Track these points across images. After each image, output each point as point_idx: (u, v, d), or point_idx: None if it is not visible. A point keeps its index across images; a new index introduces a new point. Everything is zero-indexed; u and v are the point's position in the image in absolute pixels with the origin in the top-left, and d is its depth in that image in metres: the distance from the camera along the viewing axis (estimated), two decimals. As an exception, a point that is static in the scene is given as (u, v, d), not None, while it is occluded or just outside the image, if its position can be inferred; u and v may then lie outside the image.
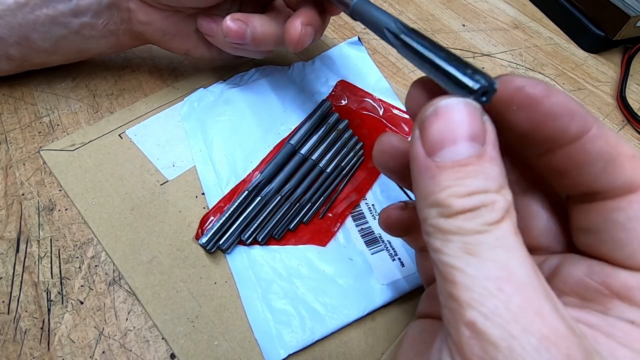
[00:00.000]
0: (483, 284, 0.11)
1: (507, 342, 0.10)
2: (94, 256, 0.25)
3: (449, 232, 0.12)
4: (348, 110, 0.33)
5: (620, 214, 0.12)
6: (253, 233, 0.26)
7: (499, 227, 0.12)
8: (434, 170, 0.12)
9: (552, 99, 0.12)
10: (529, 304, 0.11)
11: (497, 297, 0.11)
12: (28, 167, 0.29)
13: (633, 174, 0.12)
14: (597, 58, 0.41)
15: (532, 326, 0.10)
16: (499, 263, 0.11)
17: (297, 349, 0.23)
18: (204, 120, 0.31)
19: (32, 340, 0.23)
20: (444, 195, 0.12)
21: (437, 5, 0.45)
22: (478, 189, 0.12)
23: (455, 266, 0.11)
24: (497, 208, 0.12)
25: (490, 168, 0.12)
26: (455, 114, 0.12)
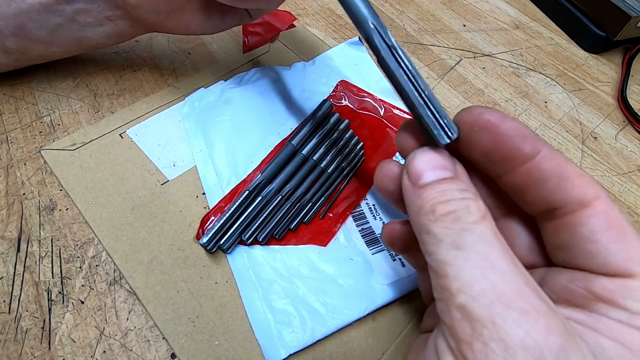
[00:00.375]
0: (470, 272, 0.13)
1: (491, 318, 0.12)
2: (94, 256, 0.25)
3: (438, 235, 0.14)
4: (349, 110, 0.33)
5: (583, 228, 0.14)
6: (254, 233, 0.26)
7: (478, 226, 0.14)
8: (419, 190, 0.15)
9: (506, 123, 0.15)
10: (511, 287, 0.12)
11: (482, 282, 0.12)
12: (29, 166, 0.29)
13: (583, 189, 0.14)
14: (597, 58, 0.41)
15: (513, 304, 0.12)
16: (482, 255, 0.13)
17: (298, 349, 0.23)
18: (204, 120, 0.31)
19: (33, 339, 0.23)
20: (429, 204, 0.15)
21: (437, 5, 0.45)
22: (455, 196, 0.15)
23: (446, 261, 0.13)
24: (473, 210, 0.14)
25: (462, 184, 0.15)
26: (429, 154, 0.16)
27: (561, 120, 0.35)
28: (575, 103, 0.37)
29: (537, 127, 0.35)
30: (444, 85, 0.37)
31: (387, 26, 0.42)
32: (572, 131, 0.35)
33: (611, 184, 0.31)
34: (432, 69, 0.38)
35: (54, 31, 0.28)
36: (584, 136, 0.34)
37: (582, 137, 0.34)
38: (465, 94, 0.36)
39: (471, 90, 0.37)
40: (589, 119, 0.36)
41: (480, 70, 0.38)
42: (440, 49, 0.40)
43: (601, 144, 0.34)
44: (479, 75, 0.38)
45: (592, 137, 0.34)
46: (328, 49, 0.37)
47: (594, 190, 0.14)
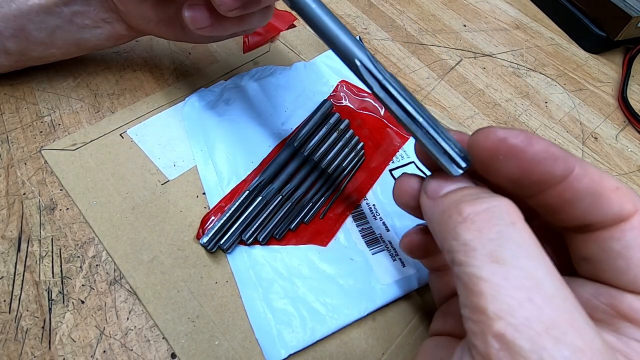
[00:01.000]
0: (511, 293, 0.11)
1: (538, 354, 0.10)
2: (95, 255, 0.25)
3: (471, 242, 0.12)
4: (349, 110, 0.33)
5: (616, 243, 0.13)
6: (254, 233, 0.26)
7: (518, 230, 0.12)
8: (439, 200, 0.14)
9: (534, 146, 0.13)
10: (561, 315, 0.10)
11: (527, 308, 0.10)
12: (29, 166, 0.29)
13: (620, 204, 0.13)
14: (598, 58, 0.41)
15: (565, 338, 0.10)
16: (526, 272, 0.11)
17: (298, 349, 0.23)
18: (205, 120, 0.31)
19: (33, 339, 0.23)
20: (454, 204, 0.13)
21: (438, 5, 0.45)
22: (482, 195, 0.13)
23: (482, 277, 0.11)
24: (505, 209, 0.12)
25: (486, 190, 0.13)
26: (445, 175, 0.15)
27: (561, 121, 0.35)
28: (575, 103, 0.37)
29: (537, 128, 0.35)
30: (444, 85, 0.37)
31: (388, 26, 0.42)
32: (573, 131, 0.35)
33: (611, 184, 0.31)
34: (432, 69, 0.38)
35: (52, 33, 0.29)
36: (584, 136, 0.34)
37: (582, 138, 0.34)
38: (465, 94, 0.36)
39: (471, 90, 0.37)
40: (589, 119, 0.36)
41: (481, 71, 0.38)
42: (441, 49, 0.40)
43: (601, 144, 0.34)
44: (479, 75, 0.38)
45: (593, 137, 0.34)
46: (328, 49, 0.37)
47: (631, 204, 0.13)
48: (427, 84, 0.37)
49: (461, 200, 0.13)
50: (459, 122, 0.34)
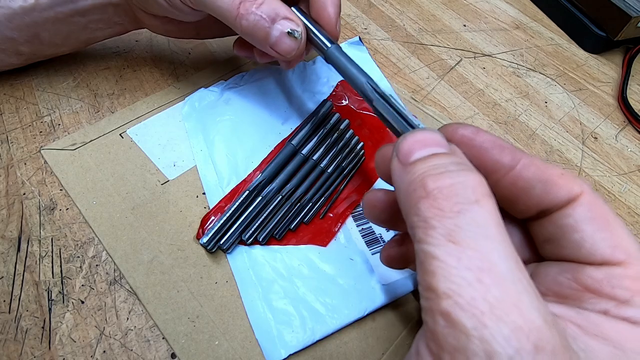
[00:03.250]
0: (462, 274, 0.11)
1: (479, 332, 0.10)
2: (94, 256, 0.25)
3: (430, 219, 0.12)
4: (349, 110, 0.33)
5: (569, 219, 0.14)
6: (254, 233, 0.26)
7: (478, 208, 0.12)
8: (408, 167, 0.13)
9: (480, 136, 0.15)
10: (507, 296, 0.11)
11: (475, 288, 0.11)
12: (29, 166, 0.29)
13: (568, 187, 0.14)
14: (598, 58, 0.41)
15: (506, 317, 0.11)
16: (481, 253, 0.11)
17: (298, 348, 0.23)
18: (205, 120, 0.31)
19: (33, 339, 0.23)
20: (419, 177, 0.13)
21: (438, 5, 0.45)
22: (450, 168, 0.13)
23: (436, 256, 0.12)
24: (473, 185, 0.12)
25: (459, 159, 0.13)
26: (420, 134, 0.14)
27: (561, 121, 0.35)
28: (575, 103, 0.37)
29: (537, 127, 0.35)
30: (444, 85, 0.37)
31: (388, 26, 0.42)
32: (573, 131, 0.35)
33: (611, 184, 0.31)
34: (432, 69, 0.38)
35: (66, 37, 0.30)
36: (584, 136, 0.34)
37: (582, 137, 0.34)
38: (465, 94, 0.36)
39: (471, 90, 0.37)
40: (589, 119, 0.36)
41: (481, 70, 0.38)
42: (441, 49, 0.40)
43: (601, 144, 0.34)
44: (479, 75, 0.38)
45: (593, 137, 0.34)
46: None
47: (578, 186, 0.14)
48: (427, 84, 0.37)
49: (427, 173, 0.13)
50: (459, 122, 0.34)
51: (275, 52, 0.24)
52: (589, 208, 0.14)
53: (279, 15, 0.23)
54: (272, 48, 0.24)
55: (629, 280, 0.13)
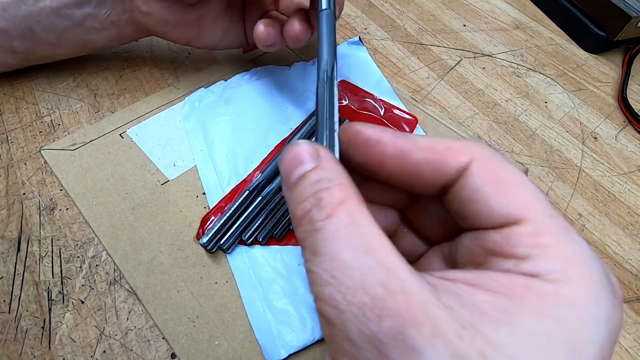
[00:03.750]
0: (322, 277, 0.13)
1: (339, 318, 0.12)
2: (94, 256, 0.25)
3: (301, 240, 0.14)
4: (349, 110, 0.33)
5: (464, 190, 0.14)
6: (254, 233, 0.26)
7: (329, 222, 0.13)
8: (291, 191, 0.15)
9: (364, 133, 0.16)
10: (355, 282, 0.12)
11: (332, 284, 0.12)
12: (29, 166, 0.29)
13: (456, 160, 0.15)
14: (598, 58, 0.41)
15: (355, 299, 0.12)
16: (331, 255, 0.13)
17: (298, 348, 0.23)
18: (205, 120, 0.31)
19: (33, 339, 0.23)
20: (293, 208, 0.15)
21: (438, 5, 0.45)
22: (308, 192, 0.14)
23: (309, 269, 0.13)
24: (325, 204, 0.14)
25: (320, 173, 0.15)
26: (293, 151, 0.16)
27: (561, 121, 0.35)
28: (575, 103, 0.37)
29: (537, 127, 0.35)
30: (444, 85, 0.37)
31: (387, 26, 0.42)
32: (572, 131, 0.35)
33: (611, 184, 0.31)
34: (432, 69, 0.38)
35: (60, 34, 0.29)
36: (584, 136, 0.34)
37: (582, 137, 0.34)
38: (465, 94, 0.36)
39: (471, 90, 0.37)
40: (589, 119, 0.36)
41: (481, 70, 0.38)
42: (441, 49, 0.40)
43: (601, 144, 0.34)
44: (479, 75, 0.38)
45: (593, 137, 0.34)
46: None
47: (465, 155, 0.14)
48: (427, 84, 0.37)
49: (295, 199, 0.15)
50: (459, 122, 0.34)
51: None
52: (480, 174, 0.14)
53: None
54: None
55: (527, 237, 0.13)
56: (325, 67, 0.23)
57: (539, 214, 0.13)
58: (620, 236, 0.29)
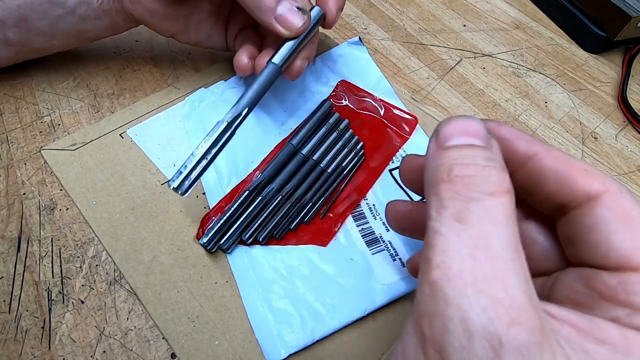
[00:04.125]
0: (458, 248, 0.11)
1: (458, 300, 0.11)
2: (94, 256, 0.25)
3: (445, 200, 0.13)
4: (349, 110, 0.33)
5: (586, 219, 0.13)
6: (254, 233, 0.26)
7: (492, 199, 0.12)
8: (442, 151, 0.14)
9: (502, 129, 0.15)
10: (495, 273, 0.11)
11: (466, 262, 0.11)
12: (29, 166, 0.29)
13: (588, 183, 0.14)
14: (598, 58, 0.41)
15: (489, 290, 0.11)
16: (481, 233, 0.12)
17: (298, 348, 0.23)
18: (205, 120, 0.31)
19: (33, 339, 0.23)
20: (448, 162, 0.13)
21: (438, 5, 0.45)
22: (478, 162, 0.13)
23: (440, 231, 0.12)
24: (493, 180, 0.13)
25: (492, 154, 0.13)
26: (464, 121, 0.14)
27: (561, 121, 0.35)
28: (575, 103, 0.37)
29: (537, 127, 0.35)
30: (444, 85, 0.37)
31: (388, 26, 0.42)
32: (572, 131, 0.35)
33: (611, 184, 0.31)
34: (432, 69, 0.38)
35: (54, 23, 0.29)
36: (584, 136, 0.34)
37: (582, 137, 0.34)
38: (465, 94, 0.36)
39: (471, 90, 0.37)
40: (589, 119, 0.36)
41: (481, 70, 0.38)
42: (441, 49, 0.40)
43: (601, 144, 0.34)
44: (479, 75, 0.38)
45: (593, 137, 0.34)
46: (328, 49, 0.37)
47: (600, 184, 0.14)
48: (427, 84, 0.37)
49: (457, 160, 0.13)
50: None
51: (280, 25, 0.24)
52: (611, 208, 0.13)
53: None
54: (278, 21, 0.24)
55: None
56: (234, 112, 0.24)
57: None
58: (620, 236, 0.29)
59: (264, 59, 0.27)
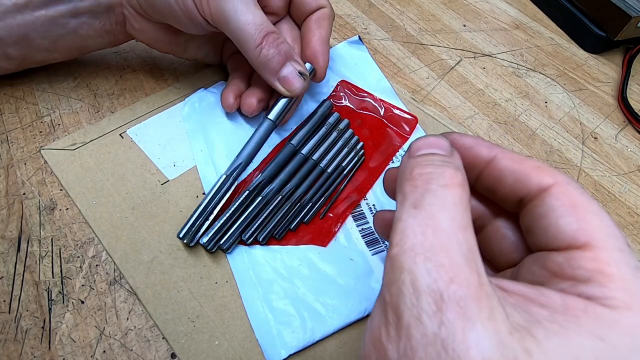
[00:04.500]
0: (413, 228, 0.14)
1: (410, 266, 0.13)
2: (94, 255, 0.25)
3: (406, 194, 0.15)
4: (349, 110, 0.33)
5: (539, 208, 0.15)
6: (254, 233, 0.26)
7: (445, 190, 0.14)
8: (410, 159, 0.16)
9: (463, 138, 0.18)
10: (441, 245, 0.13)
11: (418, 238, 0.13)
12: (29, 166, 0.29)
13: (540, 178, 0.16)
14: (598, 58, 0.41)
15: (434, 257, 0.13)
16: (431, 214, 0.14)
17: (298, 349, 0.23)
18: (204, 121, 0.31)
19: (33, 339, 0.23)
20: (412, 165, 0.16)
21: (438, 5, 0.45)
22: (436, 162, 0.16)
23: (400, 218, 0.14)
24: (447, 175, 0.15)
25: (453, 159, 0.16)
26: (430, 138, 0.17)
27: (561, 121, 0.35)
28: (575, 103, 0.37)
29: (537, 127, 0.35)
30: (444, 85, 0.37)
31: (388, 26, 0.42)
32: (572, 131, 0.35)
33: (611, 184, 0.31)
34: (432, 69, 0.38)
35: (55, 41, 0.29)
36: (584, 136, 0.34)
37: (582, 137, 0.34)
38: (465, 94, 0.36)
39: (471, 90, 0.37)
40: (589, 119, 0.36)
41: (481, 70, 0.38)
42: (441, 49, 0.40)
43: (601, 144, 0.34)
44: (479, 75, 0.38)
45: (593, 137, 0.34)
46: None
47: (550, 177, 0.15)
48: (427, 84, 0.37)
49: (419, 162, 0.16)
50: (459, 122, 0.34)
51: (282, 85, 0.27)
52: (558, 197, 0.15)
53: (292, 57, 0.27)
54: (280, 81, 0.27)
55: (589, 262, 0.13)
56: (233, 165, 0.26)
57: (607, 245, 0.14)
58: (620, 236, 0.29)
59: (250, 99, 0.29)
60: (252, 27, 0.25)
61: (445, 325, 0.12)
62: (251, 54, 0.26)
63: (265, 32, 0.26)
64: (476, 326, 0.11)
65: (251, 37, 0.25)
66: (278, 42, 0.26)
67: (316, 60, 0.29)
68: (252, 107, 0.29)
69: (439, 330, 0.12)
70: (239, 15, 0.25)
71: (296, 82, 0.27)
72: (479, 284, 0.12)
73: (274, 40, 0.26)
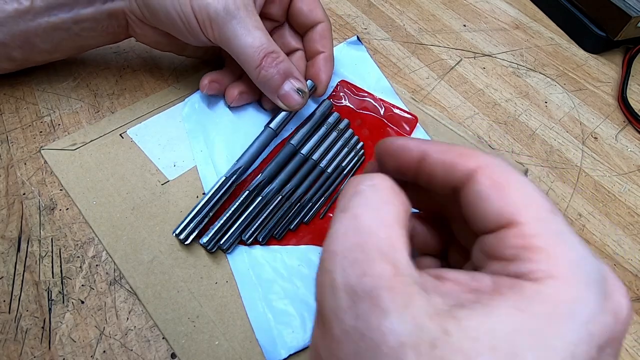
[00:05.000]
0: (337, 230, 0.14)
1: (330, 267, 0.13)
2: (94, 256, 0.25)
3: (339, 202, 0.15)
4: (349, 110, 0.33)
5: (468, 195, 0.15)
6: (254, 233, 0.26)
7: (372, 189, 0.15)
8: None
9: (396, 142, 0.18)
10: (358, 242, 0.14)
11: (340, 238, 0.14)
12: (29, 166, 0.29)
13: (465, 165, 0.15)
14: (598, 58, 0.41)
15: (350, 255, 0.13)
16: (355, 214, 0.14)
17: (298, 349, 0.23)
18: (205, 121, 0.31)
19: (33, 339, 0.23)
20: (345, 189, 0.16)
21: (438, 5, 0.45)
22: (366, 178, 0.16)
23: (332, 224, 0.15)
24: (377, 176, 0.16)
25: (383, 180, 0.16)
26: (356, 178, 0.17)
27: (561, 121, 0.35)
28: (575, 103, 0.37)
29: (537, 127, 0.35)
30: (444, 85, 0.37)
31: (388, 26, 0.42)
32: (572, 131, 0.35)
33: (611, 184, 0.31)
34: (432, 69, 0.38)
35: (58, 43, 0.29)
36: (584, 136, 0.34)
37: (582, 137, 0.34)
38: (465, 94, 0.36)
39: (471, 90, 0.37)
40: (589, 119, 0.36)
41: (481, 70, 0.38)
42: (441, 49, 0.40)
43: (601, 144, 0.34)
44: (479, 75, 0.38)
45: (593, 137, 0.34)
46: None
47: (473, 162, 0.15)
48: (427, 84, 0.37)
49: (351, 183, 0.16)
50: (459, 122, 0.34)
51: (282, 102, 0.29)
52: (481, 181, 0.15)
53: (292, 74, 0.28)
54: (280, 98, 0.28)
55: (515, 239, 0.13)
56: (233, 168, 0.27)
57: (531, 217, 0.14)
58: (620, 236, 0.29)
59: (232, 90, 0.31)
60: (251, 50, 0.27)
61: (361, 317, 0.12)
62: (252, 74, 0.28)
63: (265, 54, 0.27)
64: (390, 314, 0.12)
65: (251, 59, 0.27)
66: (277, 61, 0.27)
67: (319, 80, 0.31)
68: (232, 97, 0.31)
69: (355, 323, 0.12)
70: (239, 39, 0.26)
71: (295, 99, 0.28)
72: (393, 275, 0.13)
73: (272, 60, 0.27)
